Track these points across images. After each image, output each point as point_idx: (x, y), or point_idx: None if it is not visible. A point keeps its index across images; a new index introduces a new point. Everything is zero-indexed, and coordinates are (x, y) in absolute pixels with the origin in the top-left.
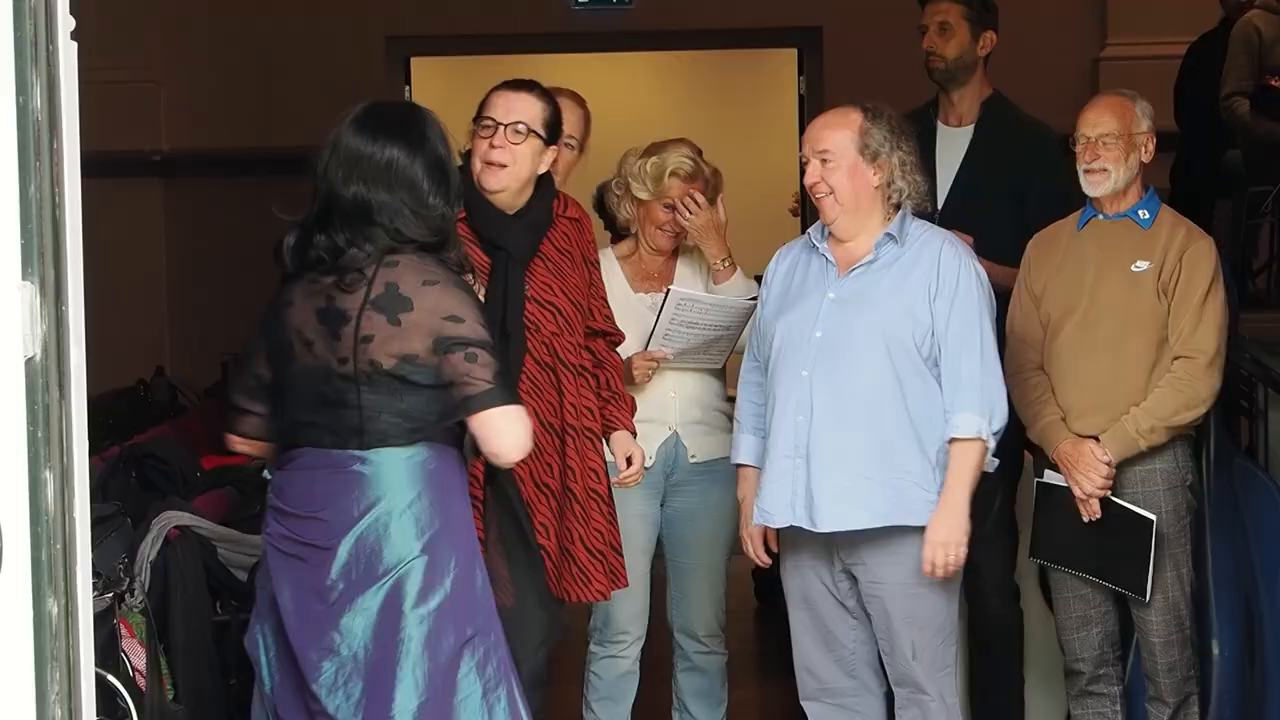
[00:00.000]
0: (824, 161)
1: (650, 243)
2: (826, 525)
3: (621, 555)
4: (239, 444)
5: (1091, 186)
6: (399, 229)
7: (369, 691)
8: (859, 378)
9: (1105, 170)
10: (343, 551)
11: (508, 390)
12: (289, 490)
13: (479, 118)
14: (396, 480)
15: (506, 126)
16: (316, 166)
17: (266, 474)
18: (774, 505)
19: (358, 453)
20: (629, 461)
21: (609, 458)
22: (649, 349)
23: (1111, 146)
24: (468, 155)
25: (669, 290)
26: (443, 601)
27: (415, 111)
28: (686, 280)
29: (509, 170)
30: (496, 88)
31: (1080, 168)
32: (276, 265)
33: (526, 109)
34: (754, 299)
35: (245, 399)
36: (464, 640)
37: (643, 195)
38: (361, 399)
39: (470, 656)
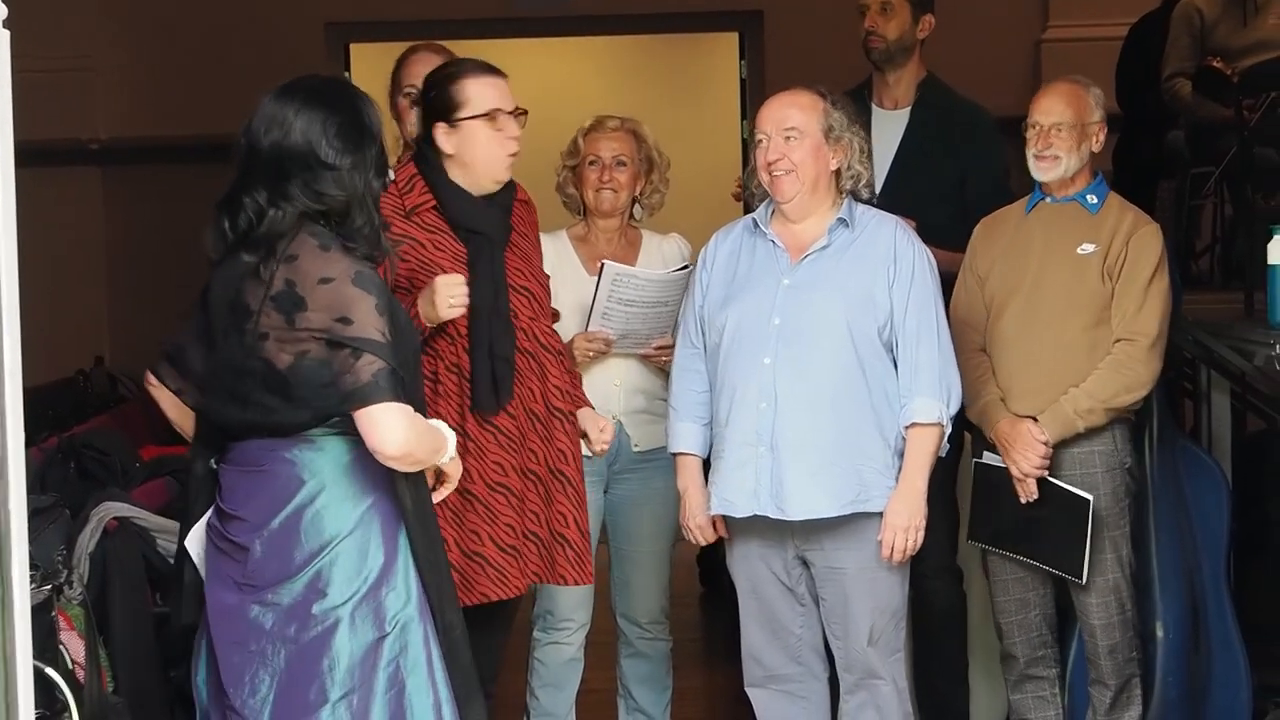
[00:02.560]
0: (788, 139)
1: (596, 208)
2: (797, 513)
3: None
4: (153, 386)
5: (1041, 172)
6: (306, 182)
7: (281, 688)
8: (824, 364)
9: (1056, 158)
10: (257, 546)
11: (389, 387)
12: (223, 485)
13: (491, 111)
14: (312, 475)
15: (521, 115)
16: (240, 138)
17: (213, 464)
18: (736, 495)
19: (274, 450)
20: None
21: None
22: (589, 329)
23: (1064, 135)
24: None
25: (603, 264)
26: (363, 593)
27: (345, 84)
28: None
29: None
30: (491, 71)
31: (1030, 152)
32: (210, 245)
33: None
34: (685, 267)
35: (170, 375)
36: (384, 634)
37: (572, 162)
38: (263, 399)
39: (392, 649)
